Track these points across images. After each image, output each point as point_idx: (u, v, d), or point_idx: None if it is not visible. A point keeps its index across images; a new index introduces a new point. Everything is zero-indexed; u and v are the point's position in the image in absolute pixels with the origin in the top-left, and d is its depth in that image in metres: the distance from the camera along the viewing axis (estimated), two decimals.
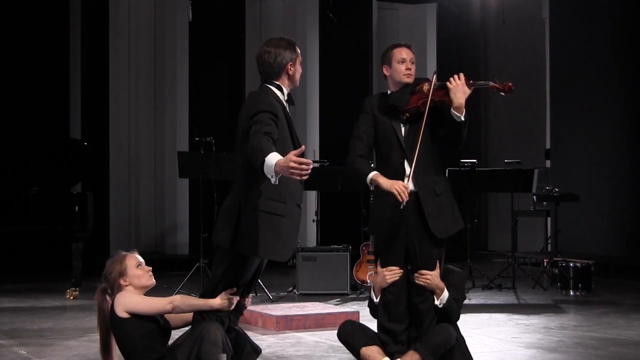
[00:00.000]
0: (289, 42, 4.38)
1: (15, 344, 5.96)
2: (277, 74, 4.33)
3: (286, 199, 4.18)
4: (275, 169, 3.81)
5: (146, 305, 4.21)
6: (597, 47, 11.06)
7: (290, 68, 4.33)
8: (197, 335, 4.12)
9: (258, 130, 4.01)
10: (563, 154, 11.43)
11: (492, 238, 13.65)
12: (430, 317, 4.71)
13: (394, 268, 4.75)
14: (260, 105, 4.15)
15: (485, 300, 8.23)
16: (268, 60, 4.31)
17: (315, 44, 12.17)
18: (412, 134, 4.72)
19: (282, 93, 4.33)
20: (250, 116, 4.13)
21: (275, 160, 3.82)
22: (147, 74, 11.72)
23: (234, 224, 4.17)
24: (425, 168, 4.72)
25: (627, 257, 10.52)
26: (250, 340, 4.57)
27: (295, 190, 4.27)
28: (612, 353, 5.63)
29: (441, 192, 4.75)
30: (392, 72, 4.84)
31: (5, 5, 10.63)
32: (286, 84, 4.35)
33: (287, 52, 4.32)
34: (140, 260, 4.34)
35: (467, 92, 4.67)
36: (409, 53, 4.84)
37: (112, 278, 4.32)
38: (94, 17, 11.13)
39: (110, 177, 11.09)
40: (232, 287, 4.23)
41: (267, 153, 3.86)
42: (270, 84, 4.34)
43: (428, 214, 4.67)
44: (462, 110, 4.63)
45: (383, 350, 4.72)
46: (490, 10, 13.20)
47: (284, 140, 4.20)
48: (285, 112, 4.29)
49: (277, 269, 10.96)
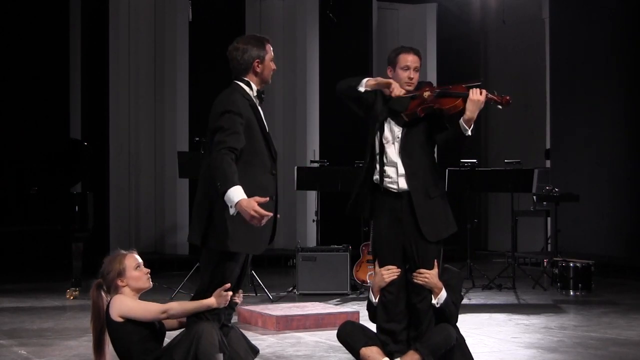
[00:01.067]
0: (259, 39, 4.39)
1: (15, 344, 5.96)
2: (245, 71, 4.34)
3: (258, 193, 4.17)
4: (236, 207, 3.95)
5: (141, 312, 4.20)
6: (597, 47, 11.06)
7: (257, 65, 4.33)
8: (194, 335, 4.11)
9: (222, 143, 4.06)
10: (563, 154, 11.43)
11: (492, 238, 13.65)
12: (429, 316, 4.71)
13: (391, 267, 4.76)
14: (225, 105, 4.20)
15: (485, 300, 8.23)
16: (236, 57, 4.34)
17: (315, 44, 12.17)
18: (408, 137, 4.72)
19: (252, 89, 4.34)
20: (215, 116, 4.18)
21: (238, 198, 3.95)
22: (147, 74, 11.72)
23: (204, 221, 4.19)
24: (419, 171, 4.72)
25: (627, 257, 10.52)
26: (247, 340, 4.57)
27: (266, 184, 4.27)
28: (612, 353, 5.63)
29: (435, 195, 4.74)
30: (395, 76, 4.81)
31: (5, 5, 10.63)
32: (255, 81, 4.35)
33: (254, 49, 4.33)
34: (139, 262, 4.32)
35: (481, 107, 4.63)
36: (414, 60, 4.80)
37: (110, 277, 4.30)
38: (94, 17, 11.12)
39: (110, 177, 11.08)
40: (224, 284, 4.22)
41: (231, 185, 3.97)
42: (240, 80, 4.35)
43: (420, 217, 4.68)
44: (472, 124, 4.61)
45: (383, 350, 4.72)
46: (490, 10, 13.20)
47: (254, 139, 4.22)
48: (255, 109, 4.29)
49: (277, 269, 10.96)
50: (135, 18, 11.66)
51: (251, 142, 4.19)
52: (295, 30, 12.27)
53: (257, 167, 4.23)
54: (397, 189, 4.73)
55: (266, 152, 4.30)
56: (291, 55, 12.29)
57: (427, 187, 4.73)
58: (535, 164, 11.21)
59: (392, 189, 4.74)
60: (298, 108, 12.24)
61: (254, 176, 4.18)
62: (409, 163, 4.71)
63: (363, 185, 4.84)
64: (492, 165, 12.64)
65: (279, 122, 12.40)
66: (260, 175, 4.23)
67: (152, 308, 4.23)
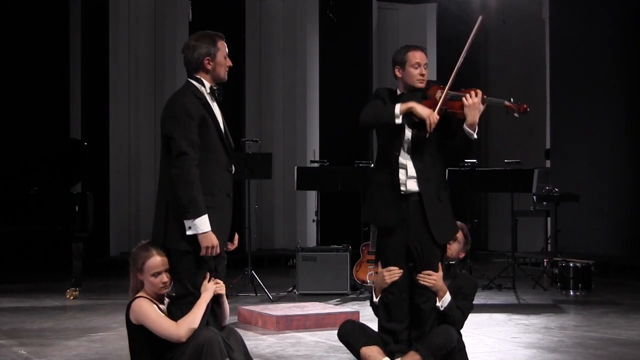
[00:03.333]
0: (210, 36, 4.33)
1: (15, 344, 5.96)
2: (196, 69, 4.31)
3: (213, 190, 4.17)
4: (200, 236, 4.05)
5: (155, 326, 4.13)
6: (597, 47, 11.06)
7: (208, 63, 4.29)
8: (201, 344, 4.07)
9: (183, 156, 4.07)
10: (563, 154, 11.43)
11: (492, 238, 13.65)
12: (433, 317, 4.71)
13: (393, 268, 4.75)
14: (174, 108, 4.20)
15: (485, 300, 8.23)
16: (187, 55, 4.32)
17: (315, 44, 12.17)
18: (418, 138, 4.69)
19: (204, 87, 4.30)
20: (166, 119, 4.19)
21: (206, 230, 4.05)
22: (147, 74, 11.72)
23: (163, 221, 4.19)
24: (430, 174, 4.71)
25: (627, 257, 10.52)
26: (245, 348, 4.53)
27: (222, 181, 4.25)
28: (612, 353, 5.63)
29: (444, 199, 4.75)
30: (405, 75, 4.77)
31: (5, 5, 10.63)
32: (207, 78, 4.31)
33: (204, 46, 4.28)
34: (158, 270, 4.17)
35: (482, 110, 4.61)
36: (423, 57, 4.78)
37: (136, 267, 4.20)
38: (94, 17, 11.12)
39: (110, 177, 11.08)
40: (196, 285, 4.17)
41: (201, 214, 4.05)
42: (192, 78, 4.33)
43: (431, 220, 4.67)
44: (476, 127, 4.59)
45: (383, 350, 4.72)
46: (490, 10, 13.20)
47: (208, 136, 4.20)
48: (208, 107, 4.26)
49: (277, 269, 10.96)
50: (135, 18, 11.66)
51: (205, 139, 4.17)
52: (295, 30, 12.27)
53: (211, 164, 4.20)
54: (405, 191, 4.71)
55: (221, 149, 4.27)
56: (291, 55, 12.29)
57: (438, 190, 4.72)
58: (535, 164, 11.20)
59: (400, 190, 4.72)
60: (298, 108, 12.24)
61: (209, 174, 4.17)
62: (420, 166, 4.69)
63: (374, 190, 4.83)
64: (492, 165, 12.64)
65: (279, 122, 12.40)
66: (215, 172, 4.20)
67: (167, 325, 4.16)
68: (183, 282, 4.18)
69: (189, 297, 4.16)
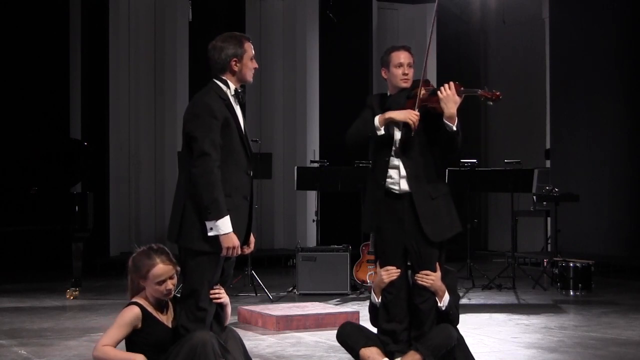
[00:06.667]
0: (237, 37, 4.33)
1: (15, 344, 5.96)
2: (222, 70, 4.30)
3: (231, 193, 4.16)
4: (222, 237, 4.07)
5: (104, 335, 4.14)
6: (597, 47, 11.05)
7: (234, 64, 4.28)
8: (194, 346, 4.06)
9: (205, 156, 4.07)
10: (563, 154, 11.42)
11: (492, 238, 13.64)
12: (432, 317, 4.71)
13: (391, 268, 4.76)
14: (197, 107, 4.19)
15: (485, 300, 8.23)
16: (213, 56, 4.30)
17: (315, 44, 12.17)
18: (407, 138, 4.71)
19: (229, 88, 4.30)
20: (189, 117, 4.19)
21: (228, 230, 4.07)
22: (147, 74, 11.72)
23: (179, 219, 4.18)
24: (420, 171, 4.72)
25: (627, 257, 10.51)
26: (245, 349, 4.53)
27: (240, 183, 4.25)
28: (612, 353, 5.63)
29: (437, 196, 4.74)
30: (390, 75, 4.84)
31: (5, 5, 10.63)
32: (232, 80, 4.31)
33: (232, 47, 4.27)
34: (162, 279, 4.14)
35: (458, 101, 4.61)
36: (406, 57, 4.81)
37: (140, 274, 4.17)
38: (94, 17, 11.13)
39: (110, 177, 11.09)
40: (204, 285, 4.17)
41: (222, 215, 4.06)
42: (217, 79, 4.31)
43: (422, 217, 4.68)
44: (454, 119, 4.60)
45: (382, 351, 4.72)
46: (490, 10, 13.19)
47: (230, 137, 4.20)
48: (231, 108, 4.25)
49: (277, 269, 10.96)
50: (135, 18, 11.66)
51: (226, 140, 4.17)
52: (295, 30, 12.27)
53: (231, 165, 4.20)
54: (398, 190, 4.73)
55: (242, 152, 4.26)
56: (291, 55, 12.29)
57: (429, 188, 4.72)
58: (535, 164, 11.20)
59: (394, 190, 4.74)
60: (298, 108, 12.24)
61: (228, 175, 4.16)
62: (410, 164, 4.71)
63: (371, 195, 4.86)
64: (492, 165, 12.64)
65: (279, 122, 12.40)
66: (235, 174, 4.20)
67: (100, 343, 4.11)
68: (189, 282, 4.19)
69: (193, 297, 4.16)
